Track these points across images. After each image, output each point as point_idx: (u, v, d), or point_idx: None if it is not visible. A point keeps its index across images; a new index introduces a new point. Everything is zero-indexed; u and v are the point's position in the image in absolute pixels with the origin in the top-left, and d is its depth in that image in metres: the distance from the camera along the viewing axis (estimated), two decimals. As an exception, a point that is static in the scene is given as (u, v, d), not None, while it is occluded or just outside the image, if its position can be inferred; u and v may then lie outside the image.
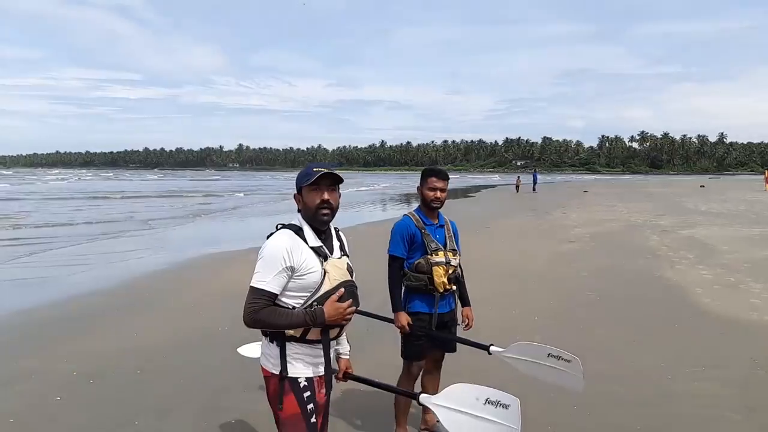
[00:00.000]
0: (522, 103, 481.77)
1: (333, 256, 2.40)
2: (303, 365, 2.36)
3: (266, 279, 2.25)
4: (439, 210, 3.75)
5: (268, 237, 2.38)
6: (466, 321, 3.83)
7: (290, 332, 2.30)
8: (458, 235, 3.86)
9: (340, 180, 2.41)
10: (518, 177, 53.03)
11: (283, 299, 2.31)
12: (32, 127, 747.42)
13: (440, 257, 3.58)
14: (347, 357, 2.71)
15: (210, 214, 25.54)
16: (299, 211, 2.45)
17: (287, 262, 2.25)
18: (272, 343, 2.37)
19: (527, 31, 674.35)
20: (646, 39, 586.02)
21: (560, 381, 3.24)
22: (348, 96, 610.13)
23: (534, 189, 45.07)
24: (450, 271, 3.62)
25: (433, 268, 3.55)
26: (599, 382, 4.72)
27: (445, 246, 3.66)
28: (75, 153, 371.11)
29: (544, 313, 7.03)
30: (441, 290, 3.59)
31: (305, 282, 2.29)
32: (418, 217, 3.68)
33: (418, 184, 3.79)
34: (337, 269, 2.38)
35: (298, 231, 2.35)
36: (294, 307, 2.30)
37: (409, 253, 3.62)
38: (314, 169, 2.35)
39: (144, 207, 29.27)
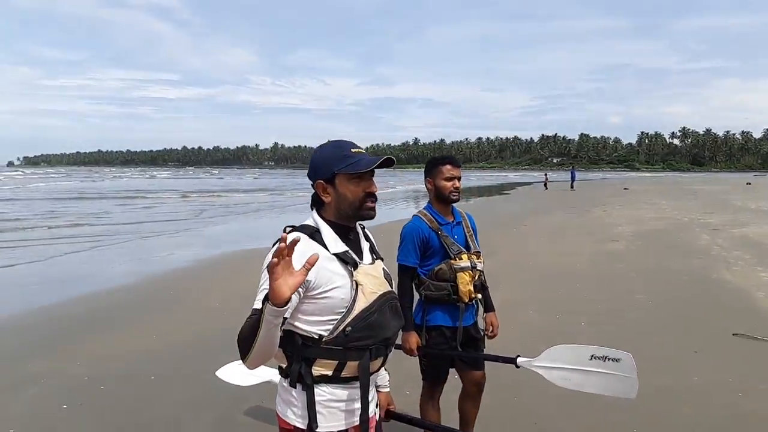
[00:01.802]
0: (558, 100, 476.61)
1: (364, 261, 1.83)
2: (336, 414, 1.77)
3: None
4: (454, 204, 3.19)
5: (274, 245, 1.79)
6: (491, 328, 3.26)
7: (320, 371, 1.74)
8: (477, 230, 3.29)
9: (391, 164, 1.85)
10: (545, 174, 52.28)
11: (302, 326, 1.72)
12: (75, 127, 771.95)
13: (465, 261, 3.04)
14: (387, 390, 2.13)
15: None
16: (313, 206, 1.88)
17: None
18: (295, 387, 1.77)
19: (564, 26, 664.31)
20: (687, 33, 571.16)
21: (610, 388, 2.58)
22: (381, 94, 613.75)
23: (572, 186, 43.95)
24: (476, 277, 3.09)
25: (458, 274, 3.01)
26: (662, 400, 4.17)
27: (467, 247, 3.13)
28: (116, 152, 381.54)
29: (591, 318, 6.45)
30: (466, 300, 3.04)
31: (331, 301, 1.71)
32: (430, 215, 3.11)
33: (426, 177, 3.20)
34: (371, 279, 1.81)
35: (314, 234, 1.77)
36: (321, 337, 1.72)
37: (423, 259, 3.08)
38: (353, 150, 1.81)
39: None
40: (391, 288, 1.89)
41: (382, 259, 1.95)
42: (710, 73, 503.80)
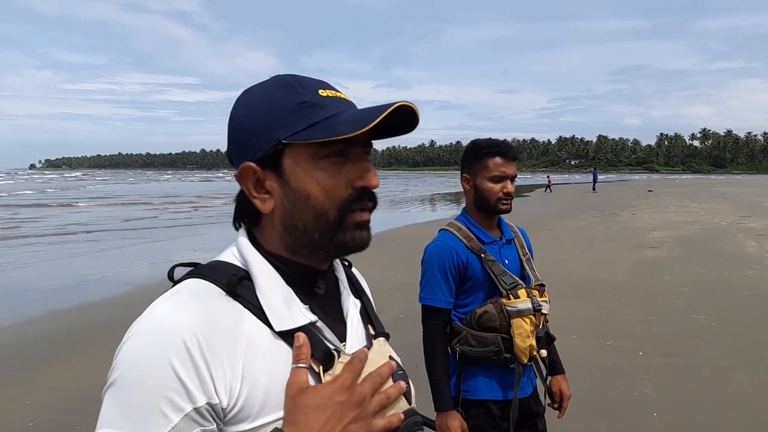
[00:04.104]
0: (576, 101, 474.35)
1: (348, 347, 0.84)
2: None
3: None
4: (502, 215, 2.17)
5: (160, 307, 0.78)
6: (558, 400, 2.18)
7: None
8: (533, 251, 2.24)
9: (414, 125, 0.82)
10: (548, 176, 51.21)
11: None
12: (96, 130, 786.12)
13: (523, 301, 1.96)
14: None
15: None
16: (240, 221, 0.88)
17: (195, 398, 0.69)
18: None
19: (582, 27, 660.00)
20: (707, 33, 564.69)
21: None
22: (398, 96, 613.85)
23: (594, 188, 42.81)
24: (540, 325, 2.01)
25: (514, 321, 1.94)
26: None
27: (524, 277, 2.08)
28: (136, 155, 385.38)
29: (649, 346, 5.36)
30: (525, 360, 1.97)
31: None
32: (467, 230, 2.08)
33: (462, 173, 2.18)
34: None
35: (238, 285, 0.77)
36: None
37: (458, 297, 2.04)
38: (321, 94, 0.80)
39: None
40: (410, 402, 0.83)
41: (387, 336, 0.92)
42: (731, 73, 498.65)
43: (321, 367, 0.76)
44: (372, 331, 0.91)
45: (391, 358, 0.85)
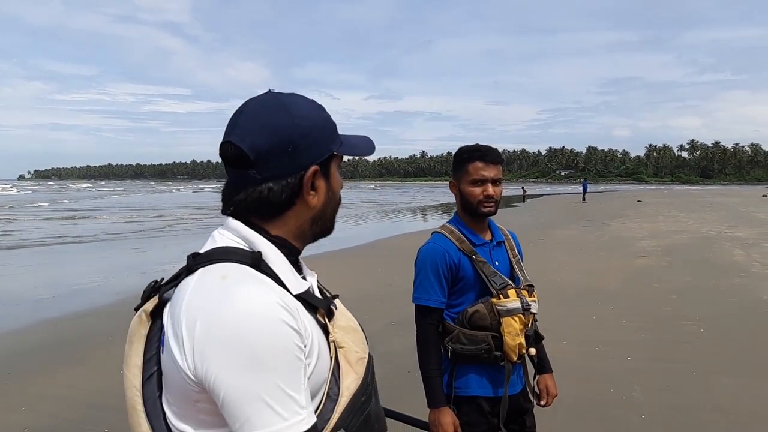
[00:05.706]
0: (565, 113, 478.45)
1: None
2: None
3: (302, 409, 0.83)
4: (491, 217, 2.24)
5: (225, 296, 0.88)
6: (545, 397, 2.25)
7: None
8: (523, 253, 2.32)
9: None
10: (523, 187, 51.70)
11: None
12: (86, 141, 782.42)
13: (513, 300, 2.04)
14: None
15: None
16: (243, 213, 0.98)
17: (303, 349, 0.88)
18: None
19: (571, 39, 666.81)
20: (694, 46, 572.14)
21: None
22: (389, 108, 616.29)
23: (584, 198, 43.10)
24: (529, 324, 2.09)
25: (504, 320, 2.02)
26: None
27: (513, 278, 2.17)
28: (126, 165, 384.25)
29: (637, 351, 5.45)
30: (515, 358, 2.05)
31: (317, 379, 0.91)
32: (459, 233, 2.16)
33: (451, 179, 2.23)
34: (352, 334, 1.03)
35: (258, 261, 0.92)
36: None
37: (450, 297, 2.12)
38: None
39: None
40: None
41: (337, 296, 1.14)
42: (718, 85, 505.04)
43: (326, 319, 0.99)
44: (328, 294, 1.10)
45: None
